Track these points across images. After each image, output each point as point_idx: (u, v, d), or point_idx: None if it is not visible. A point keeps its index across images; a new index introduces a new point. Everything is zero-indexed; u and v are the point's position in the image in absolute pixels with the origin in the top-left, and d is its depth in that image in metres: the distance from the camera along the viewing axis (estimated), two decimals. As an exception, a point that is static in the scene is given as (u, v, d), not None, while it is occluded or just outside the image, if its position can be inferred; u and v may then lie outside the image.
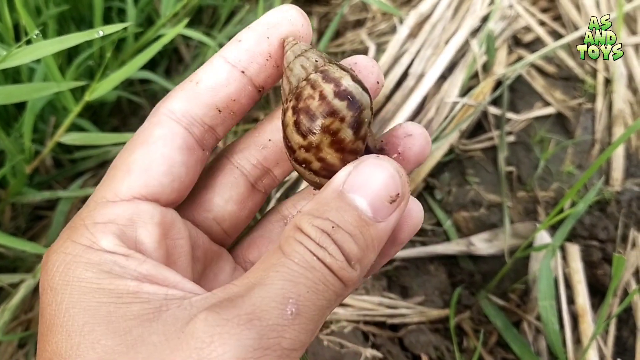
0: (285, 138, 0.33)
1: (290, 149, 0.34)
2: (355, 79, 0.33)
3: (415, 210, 0.36)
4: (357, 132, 0.32)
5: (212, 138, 0.36)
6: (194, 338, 0.26)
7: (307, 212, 0.30)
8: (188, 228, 0.36)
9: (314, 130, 0.31)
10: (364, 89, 0.33)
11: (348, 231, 0.30)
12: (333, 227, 0.30)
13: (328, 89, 0.32)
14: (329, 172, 0.33)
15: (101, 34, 0.56)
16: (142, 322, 0.28)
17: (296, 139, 0.32)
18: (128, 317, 0.28)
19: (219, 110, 0.35)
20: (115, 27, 0.57)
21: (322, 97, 0.32)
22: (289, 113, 0.33)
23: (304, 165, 0.33)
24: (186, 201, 0.38)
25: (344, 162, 0.32)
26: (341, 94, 0.31)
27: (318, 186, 0.35)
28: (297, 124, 0.32)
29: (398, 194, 0.30)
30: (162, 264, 0.33)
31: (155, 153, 0.33)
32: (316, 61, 0.33)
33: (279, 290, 0.28)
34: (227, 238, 0.40)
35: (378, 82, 0.37)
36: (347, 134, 0.32)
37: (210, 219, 0.39)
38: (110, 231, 0.31)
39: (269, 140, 0.38)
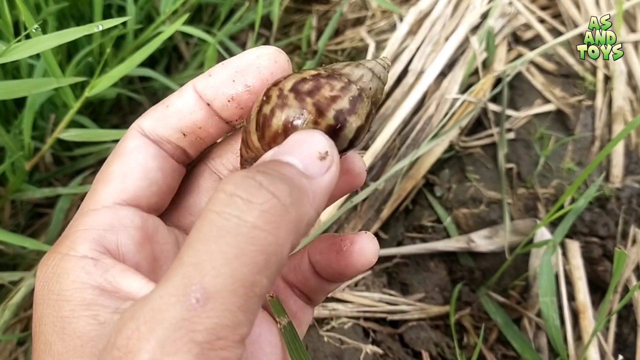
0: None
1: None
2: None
3: (367, 248, 0.36)
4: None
5: (183, 155, 0.37)
6: (109, 347, 0.25)
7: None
8: (175, 234, 0.37)
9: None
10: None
11: (277, 175, 0.27)
12: (259, 170, 0.27)
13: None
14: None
15: (100, 28, 0.56)
16: (86, 342, 0.28)
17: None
18: (77, 334, 0.28)
19: (184, 134, 0.36)
20: (114, 21, 0.57)
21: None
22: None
23: None
24: (171, 208, 0.38)
25: None
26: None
27: None
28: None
29: (327, 152, 0.30)
30: (145, 268, 0.33)
31: (131, 162, 0.34)
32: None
33: (178, 281, 0.25)
34: None
35: None
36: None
37: (194, 222, 0.40)
38: (89, 237, 0.32)
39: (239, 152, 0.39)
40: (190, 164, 0.40)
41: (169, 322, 0.24)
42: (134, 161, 0.34)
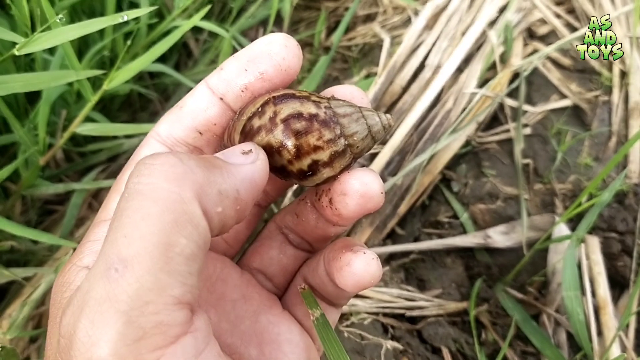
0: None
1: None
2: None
3: (363, 271, 0.36)
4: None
5: None
6: (63, 348, 0.26)
7: None
8: None
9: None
10: None
11: (190, 155, 0.29)
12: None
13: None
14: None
15: (125, 18, 0.55)
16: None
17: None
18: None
19: (200, 133, 0.36)
20: (138, 12, 0.56)
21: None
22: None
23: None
24: None
25: None
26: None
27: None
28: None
29: (251, 149, 0.32)
30: None
31: None
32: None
33: (100, 260, 0.25)
34: (229, 249, 0.42)
35: None
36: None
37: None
38: (95, 248, 0.32)
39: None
40: None
41: (95, 299, 0.24)
42: None
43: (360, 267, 0.36)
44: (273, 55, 0.35)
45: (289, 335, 0.40)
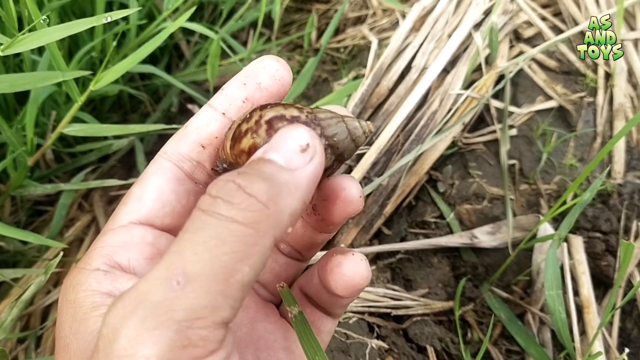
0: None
1: None
2: None
3: (353, 271, 0.38)
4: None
5: (203, 172, 0.40)
6: (99, 340, 0.27)
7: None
8: None
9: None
10: None
11: (256, 173, 0.29)
12: (239, 172, 0.29)
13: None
14: None
15: (109, 19, 0.56)
16: (95, 337, 0.30)
17: None
18: (88, 331, 0.31)
19: (203, 147, 0.39)
20: (122, 13, 0.57)
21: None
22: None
23: None
24: None
25: None
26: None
27: None
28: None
29: (308, 144, 0.31)
30: None
31: (147, 185, 0.38)
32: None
33: (163, 266, 0.27)
34: None
35: None
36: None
37: None
38: (104, 253, 0.35)
39: None
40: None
41: (151, 302, 0.26)
42: (150, 184, 0.38)
43: (349, 267, 0.38)
44: (267, 68, 0.39)
45: (285, 342, 0.41)
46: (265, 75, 0.39)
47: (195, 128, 0.39)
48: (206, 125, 0.39)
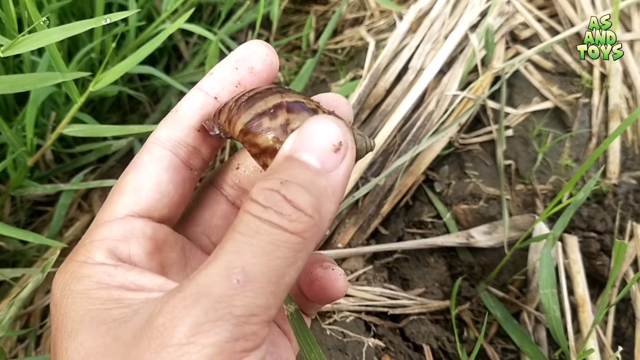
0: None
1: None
2: None
3: (332, 286, 0.40)
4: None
5: (198, 158, 0.40)
6: (151, 329, 0.28)
7: (259, 181, 0.31)
8: (182, 242, 0.40)
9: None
10: None
11: (298, 183, 0.30)
12: (281, 182, 0.30)
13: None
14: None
15: (108, 21, 0.57)
16: (119, 324, 0.30)
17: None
18: (108, 320, 0.31)
19: (198, 131, 0.38)
20: (122, 14, 0.57)
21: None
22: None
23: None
24: (180, 219, 0.41)
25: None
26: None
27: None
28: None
29: (340, 142, 0.32)
30: (154, 273, 0.35)
31: (144, 174, 0.37)
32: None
33: (222, 264, 0.29)
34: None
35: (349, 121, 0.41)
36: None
37: (199, 233, 0.43)
38: (104, 246, 0.34)
39: (237, 166, 0.43)
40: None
41: (213, 296, 0.28)
42: (147, 174, 0.37)
43: (328, 282, 0.39)
44: (259, 52, 0.39)
45: (270, 335, 0.42)
46: (257, 59, 0.39)
47: (189, 112, 0.38)
48: (199, 109, 0.38)
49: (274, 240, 0.29)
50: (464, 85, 0.98)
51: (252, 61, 0.39)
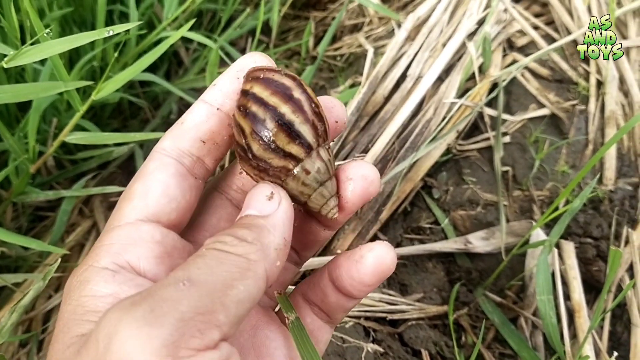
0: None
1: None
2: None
3: (384, 255, 0.40)
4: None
5: (202, 168, 0.41)
6: (97, 332, 0.29)
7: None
8: (189, 250, 0.40)
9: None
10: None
11: (239, 226, 0.35)
12: (225, 230, 0.35)
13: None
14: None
15: (111, 33, 0.58)
16: (81, 338, 0.31)
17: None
18: (77, 334, 0.32)
19: (203, 142, 0.40)
20: (124, 27, 0.58)
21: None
22: None
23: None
24: (187, 226, 0.42)
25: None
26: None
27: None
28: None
29: (272, 192, 0.37)
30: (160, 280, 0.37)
31: (151, 181, 0.38)
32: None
33: (170, 278, 0.31)
34: None
35: (337, 122, 0.42)
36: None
37: (207, 237, 0.43)
38: (112, 250, 0.35)
39: (240, 171, 0.44)
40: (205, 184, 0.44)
41: (159, 296, 0.29)
42: (154, 180, 0.38)
43: (382, 250, 0.40)
44: (258, 63, 0.40)
45: (286, 350, 0.42)
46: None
47: (194, 124, 0.39)
48: (205, 121, 0.39)
49: (218, 258, 0.32)
50: (462, 93, 0.99)
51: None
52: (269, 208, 0.36)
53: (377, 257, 0.40)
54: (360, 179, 0.39)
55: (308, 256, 0.46)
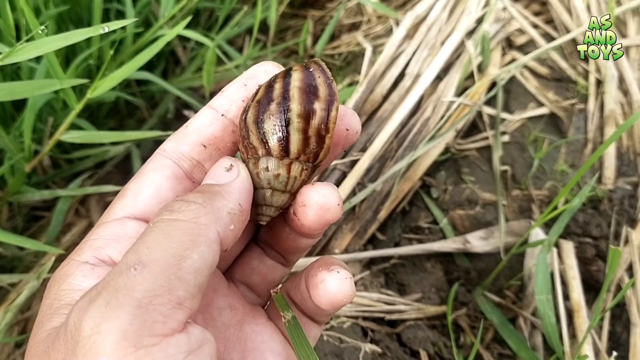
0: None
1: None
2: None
3: (335, 290, 0.39)
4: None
5: (201, 172, 0.40)
6: (65, 331, 0.29)
7: None
8: None
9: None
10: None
11: (194, 191, 0.35)
12: (184, 194, 0.35)
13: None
14: None
15: (107, 29, 0.57)
16: (55, 335, 0.31)
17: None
18: (52, 327, 0.32)
19: (204, 146, 0.40)
20: (120, 23, 0.58)
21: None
22: None
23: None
24: None
25: None
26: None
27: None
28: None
29: (231, 164, 0.37)
30: None
31: (145, 181, 0.39)
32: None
33: (121, 264, 0.30)
34: (221, 262, 0.44)
35: (347, 130, 0.41)
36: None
37: None
38: (95, 245, 0.36)
39: None
40: None
41: (113, 287, 0.29)
42: (148, 180, 0.39)
43: (333, 285, 0.39)
44: (268, 71, 0.40)
45: (272, 344, 0.42)
46: (265, 77, 0.40)
47: (197, 128, 0.39)
48: (208, 125, 0.39)
49: (165, 231, 0.31)
50: (461, 92, 0.99)
51: (260, 79, 0.40)
52: (226, 178, 0.36)
53: (328, 291, 0.38)
54: (314, 206, 0.38)
55: (294, 260, 0.46)
